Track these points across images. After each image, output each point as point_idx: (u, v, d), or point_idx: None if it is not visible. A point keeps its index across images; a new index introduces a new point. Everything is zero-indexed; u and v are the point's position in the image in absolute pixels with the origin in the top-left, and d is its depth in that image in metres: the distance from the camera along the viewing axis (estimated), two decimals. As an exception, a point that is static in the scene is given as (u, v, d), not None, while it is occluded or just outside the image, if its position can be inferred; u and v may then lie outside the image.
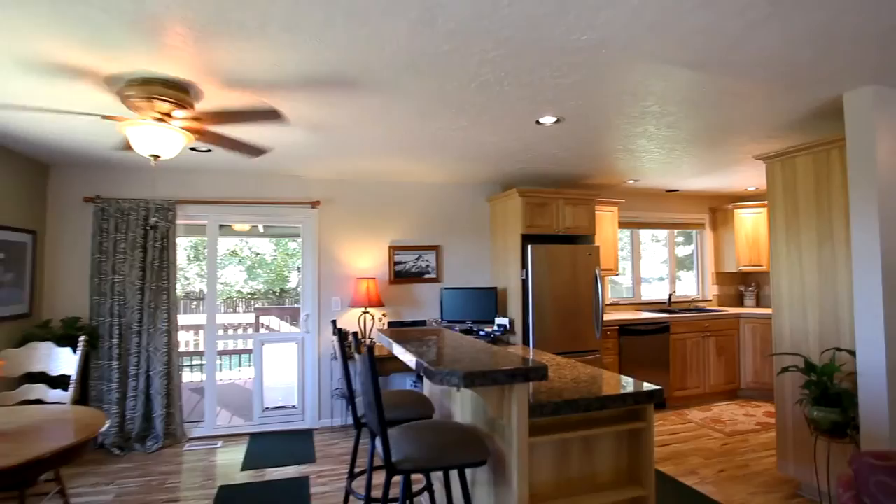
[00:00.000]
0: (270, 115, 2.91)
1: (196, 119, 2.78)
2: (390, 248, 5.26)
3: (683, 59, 2.35)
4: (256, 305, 14.03)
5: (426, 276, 5.36)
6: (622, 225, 6.18)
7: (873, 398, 2.69)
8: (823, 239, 3.22)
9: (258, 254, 15.94)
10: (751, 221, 6.27)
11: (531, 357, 3.24)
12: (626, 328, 5.30)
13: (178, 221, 4.65)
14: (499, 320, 5.02)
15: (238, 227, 7.44)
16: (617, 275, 5.69)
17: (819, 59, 2.39)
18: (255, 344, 4.94)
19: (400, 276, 5.27)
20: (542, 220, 4.96)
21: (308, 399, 4.95)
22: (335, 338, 2.88)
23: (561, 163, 4.55)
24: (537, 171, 4.90)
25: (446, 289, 5.22)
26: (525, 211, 4.90)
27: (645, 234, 6.63)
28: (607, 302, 6.09)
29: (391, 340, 2.77)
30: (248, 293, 15.63)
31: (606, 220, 5.68)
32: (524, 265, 4.87)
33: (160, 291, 4.39)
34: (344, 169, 4.70)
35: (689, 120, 3.31)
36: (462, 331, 5.17)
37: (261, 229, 7.53)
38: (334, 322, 3.03)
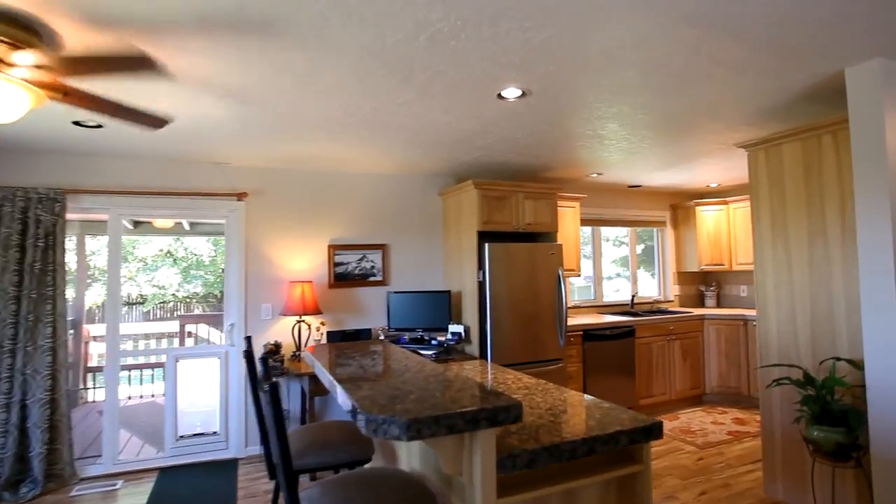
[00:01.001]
0: (146, 64, 2.25)
1: (50, 70, 2.10)
2: (330, 247, 4.64)
3: (679, 8, 1.89)
4: (180, 312, 12.92)
5: (371, 279, 4.77)
6: (584, 222, 5.80)
7: (886, 416, 2.33)
8: (815, 235, 2.87)
9: (195, 254, 14.82)
10: (712, 219, 6.02)
11: (490, 374, 2.73)
12: (590, 333, 4.89)
13: (70, 216, 3.86)
14: (453, 328, 4.50)
15: (160, 223, 6.60)
16: (579, 275, 5.29)
17: (834, 22, 1.99)
18: (167, 360, 4.20)
19: (341, 278, 4.66)
20: (500, 216, 4.48)
21: (233, 423, 4.25)
22: (256, 359, 2.27)
23: (523, 151, 4.07)
24: (495, 161, 4.41)
25: (394, 293, 4.65)
26: (482, 205, 4.40)
27: (604, 232, 6.28)
28: (569, 305, 5.68)
29: (319, 364, 2.19)
30: (185, 297, 14.49)
31: (568, 217, 5.26)
32: (481, 266, 4.37)
33: (42, 301, 3.60)
34: (274, 155, 4.04)
35: (669, 99, 2.89)
36: (412, 339, 4.62)
37: (186, 226, 6.70)
38: (248, 339, 2.41)
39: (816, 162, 2.87)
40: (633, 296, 5.99)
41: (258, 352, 4.33)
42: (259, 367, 2.15)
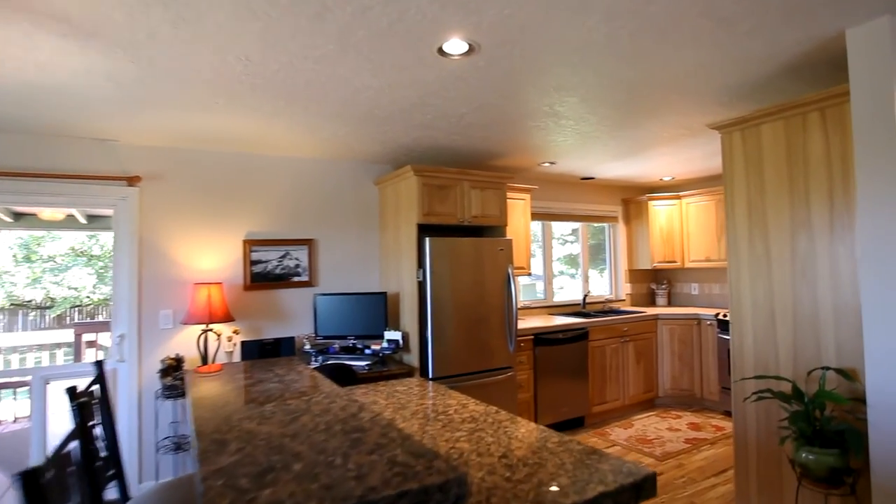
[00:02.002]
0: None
1: None
2: (246, 242, 3.96)
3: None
4: (102, 317, 11.66)
5: (295, 280, 4.13)
6: (534, 216, 5.38)
7: (889, 436, 1.98)
8: (798, 226, 2.52)
9: (112, 252, 13.44)
10: (665, 215, 5.76)
11: (429, 399, 2.19)
12: (541, 337, 4.46)
13: None
14: (389, 335, 3.93)
15: (47, 215, 5.64)
16: (529, 274, 4.85)
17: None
18: (33, 382, 3.40)
19: (259, 279, 3.99)
20: (443, 208, 3.95)
21: (123, 456, 3.50)
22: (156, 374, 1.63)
23: (469, 132, 3.56)
24: (438, 145, 3.88)
25: (322, 295, 4.03)
26: (422, 195, 3.86)
27: (553, 228, 5.89)
28: (519, 306, 5.24)
29: (189, 402, 1.57)
30: (104, 299, 13.12)
31: (518, 210, 4.81)
32: (421, 263, 3.83)
33: None
34: (173, 131, 3.33)
35: (640, 64, 2.45)
36: (343, 349, 4.02)
37: (81, 219, 5.76)
38: (99, 363, 1.76)
39: (801, 143, 2.52)
40: (585, 295, 5.64)
41: (154, 368, 3.61)
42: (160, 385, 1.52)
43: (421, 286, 3.82)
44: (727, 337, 4.87)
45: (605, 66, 2.44)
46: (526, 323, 4.66)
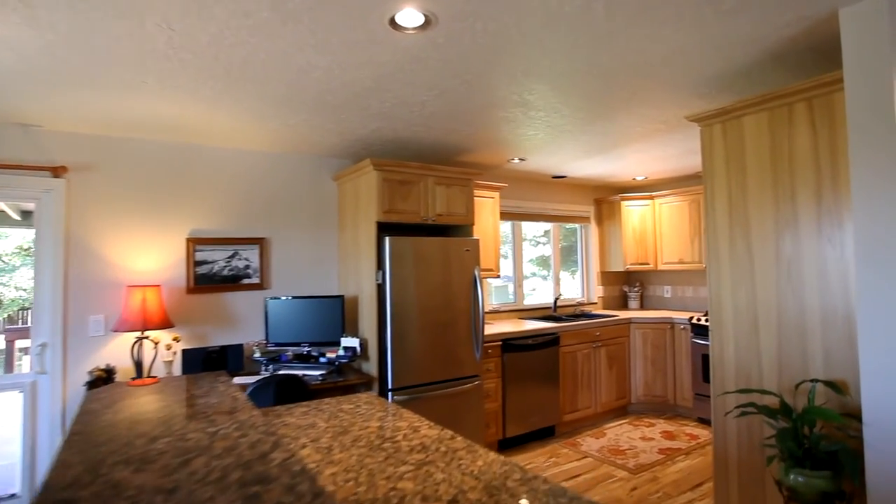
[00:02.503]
0: None
1: None
2: (190, 241, 3.61)
3: None
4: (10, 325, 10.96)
5: (245, 282, 3.79)
6: (504, 216, 5.15)
7: (887, 458, 1.79)
8: (783, 225, 2.33)
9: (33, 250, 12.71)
10: (638, 215, 5.61)
11: (376, 421, 1.90)
12: (510, 343, 4.22)
13: None
14: (346, 341, 3.64)
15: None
16: (498, 276, 4.61)
17: None
18: (-66, 397, 2.99)
19: (205, 281, 3.64)
20: (405, 205, 3.68)
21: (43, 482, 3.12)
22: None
23: (432, 123, 3.29)
24: (400, 137, 3.61)
25: (274, 299, 3.71)
26: (382, 191, 3.57)
27: (524, 229, 5.68)
28: (486, 309, 5.00)
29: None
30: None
31: (486, 209, 4.57)
32: (380, 264, 3.54)
33: None
34: (104, 115, 2.97)
35: (616, 48, 2.23)
36: (296, 357, 3.70)
37: (14, 215, 5.28)
38: None
39: (786, 136, 2.33)
40: (557, 298, 5.43)
41: (82, 380, 3.23)
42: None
43: (380, 289, 3.53)
44: (701, 342, 4.72)
45: (577, 48, 2.21)
46: (495, 328, 4.42)
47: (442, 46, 2.17)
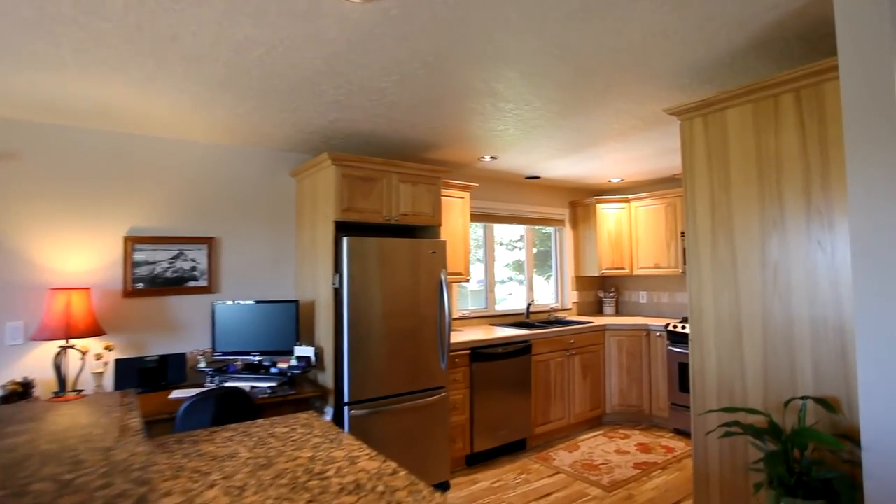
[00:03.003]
0: None
1: None
2: (127, 239, 3.28)
3: None
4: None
5: (191, 285, 3.48)
6: (475, 217, 4.92)
7: (889, 488, 1.59)
8: (770, 228, 2.14)
9: None
10: (613, 219, 5.44)
11: (308, 451, 1.59)
12: (478, 352, 3.98)
13: None
14: (300, 350, 3.35)
15: None
16: (467, 281, 4.37)
17: None
18: None
19: (144, 284, 3.31)
20: (366, 203, 3.41)
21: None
22: None
23: (393, 114, 3.04)
24: (361, 131, 3.34)
25: (222, 304, 3.40)
26: (342, 187, 3.30)
27: (497, 232, 5.45)
28: (455, 315, 4.75)
29: None
30: None
31: (455, 209, 4.33)
32: (338, 267, 3.27)
33: None
34: (24, 98, 2.63)
35: (591, 33, 2.01)
36: (246, 367, 3.40)
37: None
38: None
39: (772, 131, 2.15)
40: (529, 304, 5.22)
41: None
42: None
43: (337, 293, 3.26)
44: (677, 349, 4.56)
45: (549, 28, 1.98)
46: (464, 335, 4.18)
47: (396, 20, 1.92)
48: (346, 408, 3.16)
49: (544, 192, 5.60)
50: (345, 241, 3.21)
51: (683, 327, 4.53)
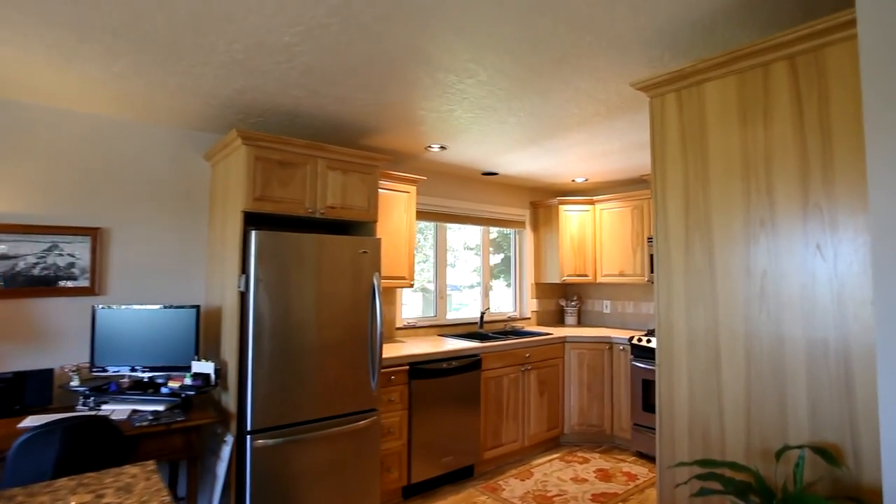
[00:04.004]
0: None
1: None
2: (-15, 228, 2.68)
3: None
4: None
5: (67, 285, 2.88)
6: (423, 215, 4.43)
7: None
8: (758, 227, 1.72)
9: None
10: (577, 221, 5.03)
11: None
12: (419, 368, 3.48)
13: None
14: (197, 366, 2.79)
15: None
16: (411, 286, 3.87)
17: None
18: None
19: (4, 282, 2.70)
20: (285, 192, 2.89)
21: None
22: None
23: (310, 81, 2.53)
24: (278, 105, 2.82)
25: (106, 308, 2.82)
26: (254, 172, 2.77)
27: (462, 235, 4.98)
28: (398, 325, 4.24)
29: None
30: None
31: (399, 205, 3.84)
32: (244, 267, 2.73)
33: None
34: None
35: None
36: (134, 385, 2.82)
37: None
38: None
39: (761, 108, 1.73)
40: (483, 313, 4.75)
41: None
42: None
43: (243, 298, 2.72)
44: (642, 365, 4.16)
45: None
46: (406, 347, 3.67)
47: (273, -71, 1.42)
48: (248, 437, 2.62)
49: (503, 190, 5.16)
50: (253, 235, 2.68)
51: (649, 341, 4.14)
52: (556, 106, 2.81)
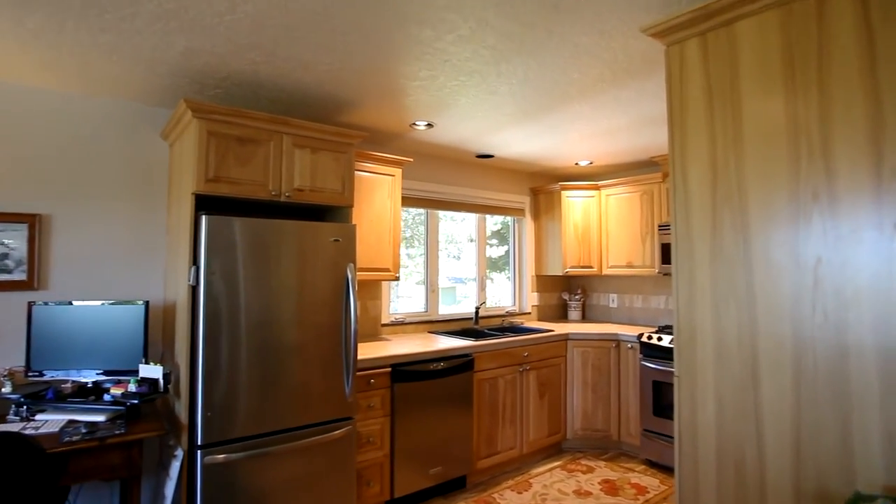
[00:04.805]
0: None
1: None
2: None
3: None
4: None
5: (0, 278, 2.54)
6: (412, 202, 4.06)
7: None
8: (810, 202, 1.33)
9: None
10: (581, 209, 4.64)
11: None
12: (402, 370, 3.12)
13: None
14: (145, 370, 2.44)
15: None
16: (396, 279, 3.51)
17: None
18: None
19: (-77, 277, 2.37)
20: (244, 172, 2.52)
21: None
22: None
23: (264, 41, 2.15)
24: (239, 74, 2.45)
25: (43, 305, 2.47)
26: (207, 149, 2.41)
27: (465, 225, 4.60)
28: (385, 321, 3.88)
29: None
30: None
31: (382, 190, 3.46)
32: (195, 258, 2.38)
33: None
34: None
35: None
36: (78, 392, 2.48)
37: None
38: None
39: (814, 47, 1.34)
40: (478, 308, 4.38)
41: None
42: None
43: (194, 294, 2.36)
44: (652, 365, 3.79)
45: None
46: (391, 346, 3.31)
47: None
48: (198, 452, 2.28)
49: (501, 175, 4.77)
50: (203, 220, 2.32)
51: (660, 339, 3.76)
52: (552, 69, 2.42)
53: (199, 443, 2.27)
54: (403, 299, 4.19)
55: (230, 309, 2.36)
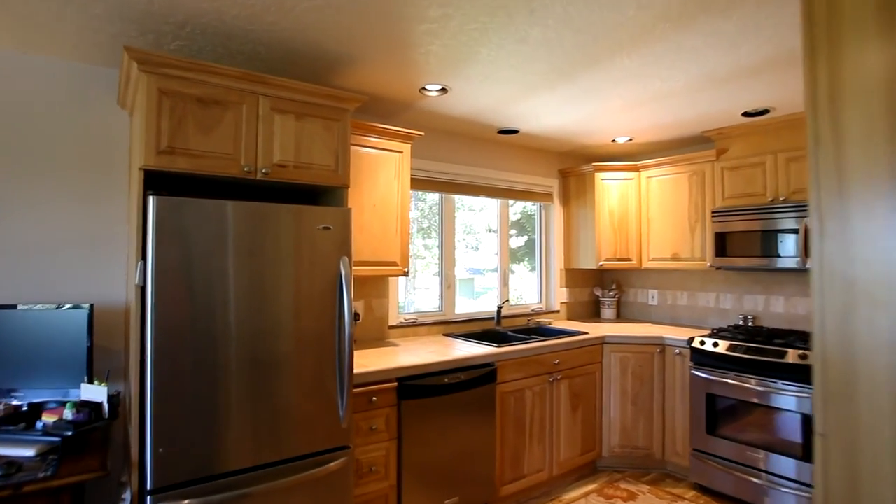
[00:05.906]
0: None
1: None
2: None
3: None
4: None
5: (-84, 277, 2.07)
6: (421, 184, 3.51)
7: None
8: None
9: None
10: (617, 193, 4.06)
11: None
12: (410, 385, 2.60)
13: None
14: (87, 391, 1.96)
15: None
16: (405, 274, 2.97)
17: None
18: None
19: None
20: (206, 142, 2.00)
21: None
22: None
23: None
24: (200, 17, 1.93)
25: (-35, 309, 2.00)
26: (158, 112, 1.90)
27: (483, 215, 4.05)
28: (392, 322, 3.36)
29: None
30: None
31: (387, 169, 2.92)
32: (143, 251, 1.87)
33: None
34: None
35: None
36: (8, 417, 2.00)
37: None
38: None
39: None
40: (500, 307, 3.82)
41: None
42: None
43: (143, 294, 1.86)
44: (704, 375, 3.21)
45: None
46: (399, 355, 2.79)
47: None
48: (148, 499, 1.78)
49: (525, 155, 4.19)
50: (151, 202, 1.81)
51: (716, 344, 3.18)
52: (602, 3, 1.84)
53: (148, 487, 1.78)
54: (421, 291, 3.68)
55: (190, 315, 1.86)
